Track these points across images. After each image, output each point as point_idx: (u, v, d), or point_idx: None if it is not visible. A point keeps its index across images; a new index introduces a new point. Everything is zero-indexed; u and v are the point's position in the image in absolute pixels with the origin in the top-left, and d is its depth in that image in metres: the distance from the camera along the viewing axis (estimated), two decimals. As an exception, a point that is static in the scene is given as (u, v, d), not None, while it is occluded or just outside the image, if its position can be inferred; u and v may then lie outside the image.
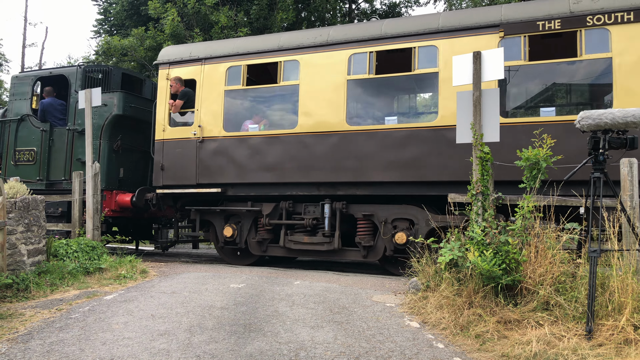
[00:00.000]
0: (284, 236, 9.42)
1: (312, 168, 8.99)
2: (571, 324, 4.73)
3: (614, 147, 5.05)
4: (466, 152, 7.05)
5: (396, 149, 8.42)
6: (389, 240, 8.66)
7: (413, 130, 8.42)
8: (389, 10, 25.56)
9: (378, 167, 8.52)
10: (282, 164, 9.20)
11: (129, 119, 10.93)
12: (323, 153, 8.91)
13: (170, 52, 10.73)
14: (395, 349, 4.61)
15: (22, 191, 7.45)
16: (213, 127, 9.79)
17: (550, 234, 5.60)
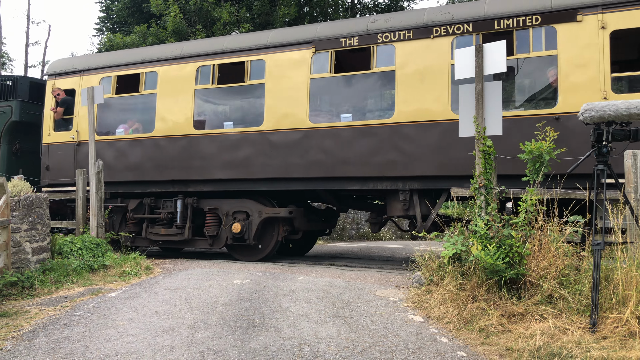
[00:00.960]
0: (146, 229, 10.54)
1: (167, 167, 10.18)
2: (575, 317, 4.72)
3: (617, 139, 5.01)
4: (286, 152, 9.18)
5: (232, 150, 9.64)
6: (228, 230, 9.90)
7: (244, 134, 9.63)
8: (391, 4, 25.44)
9: (219, 166, 9.74)
10: (143, 164, 10.43)
11: (26, 124, 11.94)
12: (175, 154, 10.11)
13: (56, 65, 11.84)
14: (399, 344, 4.61)
15: (26, 189, 7.48)
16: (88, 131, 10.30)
17: (553, 227, 5.57)
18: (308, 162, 9.03)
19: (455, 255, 5.84)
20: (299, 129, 9.19)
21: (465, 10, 8.46)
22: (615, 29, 7.49)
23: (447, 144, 8.14)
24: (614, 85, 7.53)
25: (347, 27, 9.19)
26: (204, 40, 11.04)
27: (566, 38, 7.72)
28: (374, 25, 8.91)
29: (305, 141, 9.11)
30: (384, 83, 9.10)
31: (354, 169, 8.78)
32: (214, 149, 9.79)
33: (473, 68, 6.45)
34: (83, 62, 11.68)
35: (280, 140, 9.31)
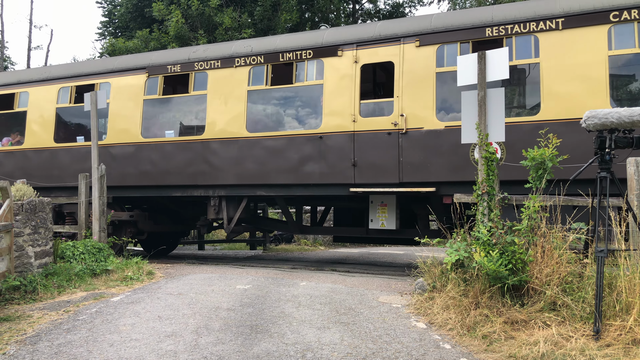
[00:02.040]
0: None
1: (31, 176, 10.92)
2: (579, 325, 4.72)
3: (620, 146, 5.02)
4: (124, 163, 10.52)
5: (87, 161, 10.40)
6: None
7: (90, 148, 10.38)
8: (392, 10, 25.54)
9: (71, 173, 10.68)
10: (12, 173, 11.21)
11: None
12: (39, 164, 11.31)
13: None
14: (402, 350, 4.61)
15: (29, 194, 7.49)
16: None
17: (556, 233, 5.58)
18: (140, 171, 10.37)
19: (458, 261, 5.85)
20: (133, 143, 10.56)
21: (261, 44, 9.98)
22: (364, 63, 9.01)
23: (243, 158, 9.66)
24: (362, 110, 8.88)
25: (173, 56, 10.63)
26: (65, 65, 12.66)
27: (330, 69, 9.15)
28: (194, 54, 10.36)
29: (138, 153, 10.46)
30: (198, 105, 10.40)
31: (175, 178, 10.13)
32: (67, 160, 11.12)
33: (475, 75, 6.47)
34: None
35: (119, 153, 10.64)
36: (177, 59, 10.42)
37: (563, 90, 7.61)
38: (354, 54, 8.99)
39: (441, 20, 8.66)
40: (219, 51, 10.17)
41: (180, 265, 9.82)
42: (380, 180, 8.64)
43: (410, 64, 8.58)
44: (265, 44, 9.88)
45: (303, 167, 9.14)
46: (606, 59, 7.46)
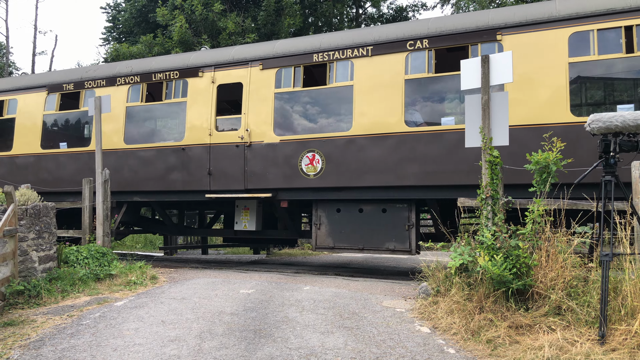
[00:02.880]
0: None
1: None
2: (584, 329, 4.69)
3: (624, 150, 5.00)
4: (25, 172, 11.45)
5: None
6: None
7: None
8: (396, 14, 25.56)
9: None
10: None
11: None
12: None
13: None
14: (406, 355, 4.59)
15: (33, 198, 7.51)
16: None
17: (561, 237, 5.55)
18: (39, 179, 11.29)
19: (462, 265, 5.83)
20: (35, 154, 11.58)
21: (140, 65, 11.01)
22: (220, 83, 10.13)
23: (121, 167, 10.66)
24: (218, 125, 10.06)
25: (69, 75, 11.60)
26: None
27: (193, 88, 10.28)
28: (86, 74, 11.37)
29: (37, 163, 11.47)
30: (87, 120, 11.57)
31: (68, 185, 10.95)
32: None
33: (479, 79, 6.46)
34: None
35: (22, 163, 11.68)
36: (72, 78, 11.49)
37: (369, 110, 8.83)
38: (212, 75, 10.19)
39: (281, 47, 9.86)
40: (105, 71, 11.32)
41: (183, 270, 9.82)
42: (231, 187, 9.77)
43: (255, 85, 9.76)
44: (142, 65, 10.98)
45: (169, 175, 10.25)
46: (403, 82, 8.65)
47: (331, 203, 9.37)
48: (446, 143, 8.23)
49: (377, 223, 9.04)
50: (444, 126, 8.37)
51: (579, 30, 7.78)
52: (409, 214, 8.84)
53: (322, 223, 9.44)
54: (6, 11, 29.81)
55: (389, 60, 8.83)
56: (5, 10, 29.37)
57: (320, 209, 9.45)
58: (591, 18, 7.75)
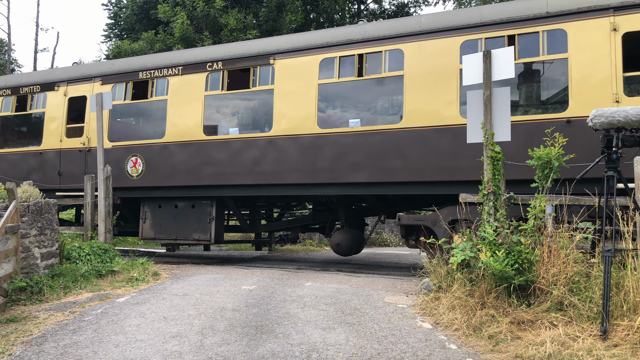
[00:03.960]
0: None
1: None
2: (586, 325, 4.68)
3: (627, 145, 4.98)
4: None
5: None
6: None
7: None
8: (397, 10, 25.49)
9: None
10: None
11: None
12: None
13: None
14: (407, 350, 4.59)
15: (35, 195, 7.52)
16: None
17: (563, 233, 5.54)
18: None
19: (464, 261, 5.82)
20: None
21: (14, 79, 12.50)
22: (71, 96, 11.45)
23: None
24: (67, 132, 11.26)
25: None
26: None
27: (50, 101, 11.61)
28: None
29: None
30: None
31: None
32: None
33: (481, 74, 6.43)
34: None
35: None
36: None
37: (178, 120, 10.35)
38: (65, 89, 11.59)
39: (118, 65, 11.35)
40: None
41: (185, 266, 9.83)
42: (75, 185, 10.88)
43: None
44: (15, 80, 12.45)
45: (30, 176, 11.44)
46: (203, 98, 10.18)
47: (155, 200, 10.75)
48: (231, 149, 9.82)
49: (188, 217, 10.48)
50: (231, 135, 9.98)
51: (327, 57, 9.32)
52: (210, 209, 10.30)
53: (147, 217, 10.83)
54: (8, 8, 29.79)
55: (194, 79, 10.38)
56: (7, 7, 29.39)
57: (147, 205, 10.84)
58: (337, 47, 9.28)
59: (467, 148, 7.67)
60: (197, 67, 10.34)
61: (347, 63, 9.21)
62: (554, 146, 6.00)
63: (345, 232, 10.39)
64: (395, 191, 8.89)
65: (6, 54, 30.21)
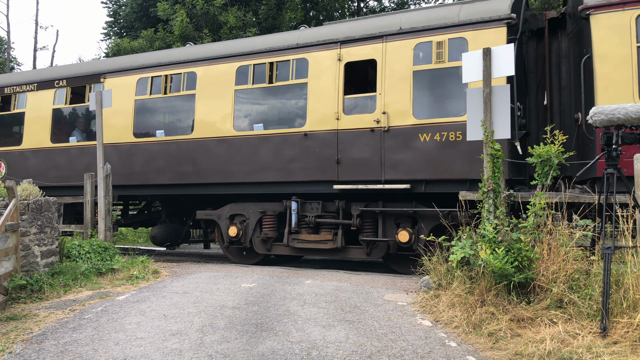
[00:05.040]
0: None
1: None
2: (585, 322, 4.69)
3: (627, 142, 4.98)
4: None
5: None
6: None
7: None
8: (397, 7, 25.45)
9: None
10: None
11: None
12: None
13: None
14: (407, 348, 4.59)
15: (35, 193, 7.52)
16: None
17: (563, 231, 5.54)
18: None
19: (464, 259, 5.82)
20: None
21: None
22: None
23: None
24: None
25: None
26: None
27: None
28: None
29: None
30: None
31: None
32: None
33: (480, 71, 6.43)
34: None
35: None
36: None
37: (32, 131, 11.72)
38: None
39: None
40: None
41: (185, 264, 9.83)
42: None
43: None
44: None
45: None
46: (52, 110, 11.62)
47: None
48: (71, 155, 11.23)
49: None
50: (71, 143, 11.40)
51: (142, 77, 10.78)
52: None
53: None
54: (7, 6, 29.77)
55: (46, 95, 11.74)
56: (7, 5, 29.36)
57: None
58: (149, 68, 10.81)
59: (238, 156, 9.71)
60: (48, 85, 11.81)
61: (157, 82, 10.72)
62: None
63: (161, 226, 11.77)
64: (188, 192, 10.46)
65: (5, 52, 30.18)
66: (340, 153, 8.95)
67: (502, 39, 7.96)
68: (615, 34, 7.53)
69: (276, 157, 9.39)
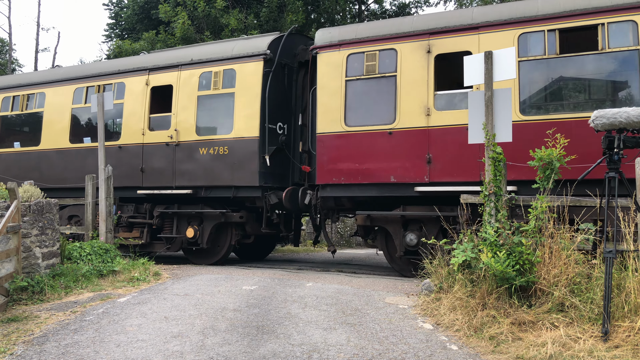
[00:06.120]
0: None
1: None
2: (587, 326, 4.68)
3: (628, 146, 4.98)
4: None
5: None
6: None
7: None
8: (398, 10, 25.48)
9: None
10: None
11: None
12: None
13: None
14: (408, 351, 4.59)
15: (36, 195, 7.52)
16: None
17: (564, 234, 5.54)
18: None
19: (465, 262, 5.82)
20: None
21: None
22: None
23: None
24: None
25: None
26: None
27: None
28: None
29: None
30: None
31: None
32: None
33: (482, 75, 6.44)
34: None
35: None
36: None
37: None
38: None
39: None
40: None
41: (186, 266, 9.83)
42: None
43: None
44: None
45: None
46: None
47: None
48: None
49: None
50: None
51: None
52: None
53: None
54: (9, 8, 29.83)
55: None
56: (8, 7, 29.43)
57: None
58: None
59: (73, 163, 11.17)
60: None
61: (17, 100, 12.39)
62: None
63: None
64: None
65: (7, 54, 30.23)
66: (145, 163, 10.66)
67: (260, 70, 9.78)
68: (332, 70, 9.13)
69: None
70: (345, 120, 8.98)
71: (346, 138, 8.94)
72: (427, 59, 8.50)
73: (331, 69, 9.14)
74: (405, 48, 8.69)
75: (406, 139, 8.47)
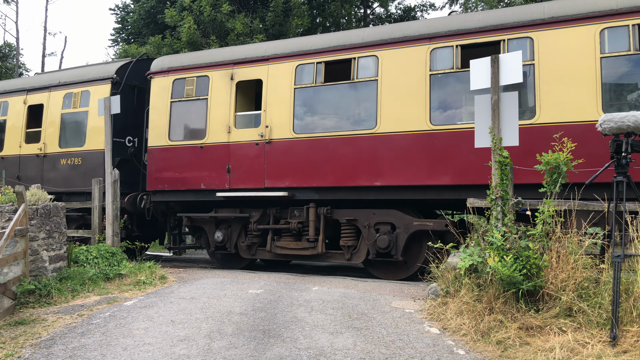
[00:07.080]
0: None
1: None
2: (595, 331, 4.65)
3: (636, 150, 4.96)
4: None
5: None
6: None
7: None
8: (404, 14, 25.51)
9: None
10: None
11: None
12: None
13: None
14: (415, 355, 4.58)
15: (44, 198, 7.56)
16: None
17: (572, 238, 5.51)
18: None
19: (472, 266, 5.79)
20: None
21: None
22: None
23: None
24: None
25: None
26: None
27: None
28: None
29: None
30: None
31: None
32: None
33: (488, 79, 6.43)
34: None
35: None
36: None
37: None
38: None
39: None
40: None
41: (192, 270, 9.84)
42: None
43: None
44: None
45: None
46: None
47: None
48: None
49: None
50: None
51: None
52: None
53: None
54: (16, 13, 30.04)
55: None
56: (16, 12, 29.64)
57: None
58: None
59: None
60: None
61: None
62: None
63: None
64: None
65: (15, 58, 30.42)
66: (21, 171, 12.27)
67: (108, 91, 11.19)
68: (161, 92, 10.61)
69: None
70: (169, 135, 10.51)
71: (170, 151, 10.50)
72: (231, 85, 10.12)
73: (160, 91, 10.66)
74: (216, 75, 10.29)
75: (213, 152, 10.10)
